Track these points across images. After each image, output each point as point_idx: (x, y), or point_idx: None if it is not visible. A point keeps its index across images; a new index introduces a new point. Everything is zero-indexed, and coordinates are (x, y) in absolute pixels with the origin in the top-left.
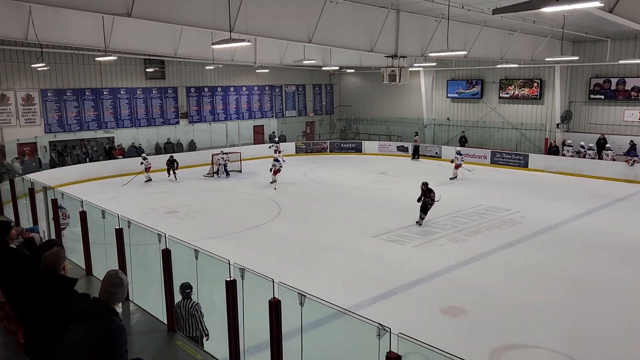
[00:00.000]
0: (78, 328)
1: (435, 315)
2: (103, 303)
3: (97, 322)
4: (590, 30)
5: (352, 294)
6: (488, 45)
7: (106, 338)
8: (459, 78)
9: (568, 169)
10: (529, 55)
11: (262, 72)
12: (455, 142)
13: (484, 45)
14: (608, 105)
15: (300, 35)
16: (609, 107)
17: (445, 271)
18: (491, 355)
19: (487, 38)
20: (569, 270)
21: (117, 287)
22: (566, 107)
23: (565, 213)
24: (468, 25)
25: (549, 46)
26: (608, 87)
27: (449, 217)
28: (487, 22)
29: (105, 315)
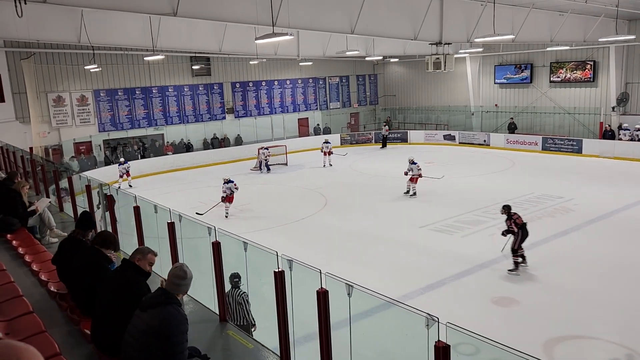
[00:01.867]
0: (143, 314)
1: (486, 305)
2: (168, 292)
3: (161, 310)
4: None
5: (400, 284)
6: (537, 27)
7: (169, 325)
8: (507, 63)
9: (625, 154)
10: (581, 36)
11: (306, 65)
12: (504, 129)
13: (532, 27)
14: None
15: (342, 26)
16: None
17: (495, 261)
18: (545, 346)
19: (536, 20)
20: (625, 259)
21: (181, 278)
22: (622, 89)
23: (622, 200)
24: (515, 8)
25: (603, 26)
26: None
27: (498, 205)
28: (535, 3)
29: (170, 303)
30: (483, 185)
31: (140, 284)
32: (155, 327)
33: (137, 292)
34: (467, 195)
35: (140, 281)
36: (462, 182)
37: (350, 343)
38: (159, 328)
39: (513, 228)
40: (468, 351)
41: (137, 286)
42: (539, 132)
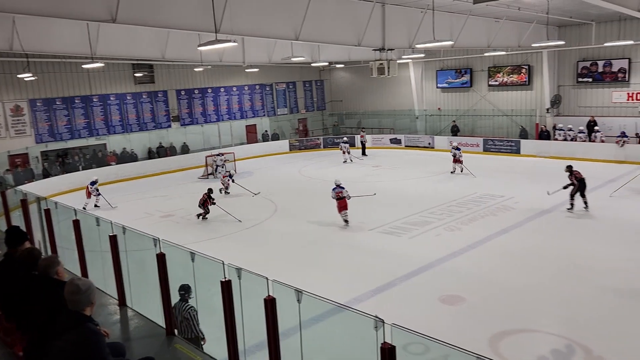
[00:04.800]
0: (57, 343)
1: (434, 304)
2: (73, 312)
3: (72, 334)
4: (574, 14)
5: (351, 287)
6: (475, 33)
7: (85, 347)
8: (448, 68)
9: (560, 153)
10: (515, 41)
11: (252, 72)
12: (447, 131)
13: (470, 34)
14: (596, 87)
15: (286, 33)
16: (597, 89)
17: (443, 260)
18: (490, 341)
19: (474, 27)
20: (564, 253)
21: (76, 293)
22: (555, 91)
23: (559, 196)
24: (454, 15)
25: (535, 32)
26: (595, 70)
27: (444, 206)
28: (472, 11)
29: (79, 324)
30: (429, 187)
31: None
32: (71, 354)
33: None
34: (413, 197)
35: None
36: (408, 185)
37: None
38: (77, 354)
39: (573, 181)
40: (418, 350)
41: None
42: (480, 134)
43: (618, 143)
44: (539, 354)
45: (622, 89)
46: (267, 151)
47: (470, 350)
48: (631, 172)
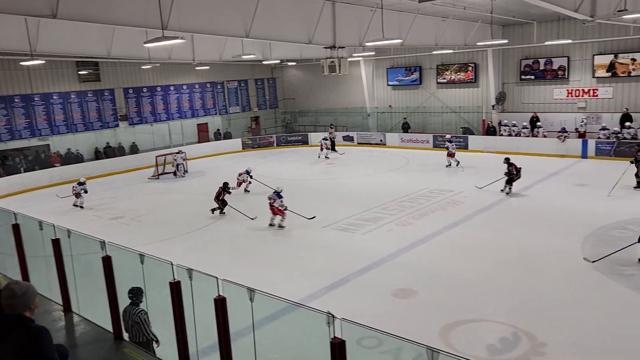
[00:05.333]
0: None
1: (387, 298)
2: (13, 316)
3: (16, 334)
4: (517, 14)
5: (306, 285)
6: (423, 32)
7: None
8: (398, 66)
9: (505, 148)
10: (462, 40)
11: (202, 69)
12: (398, 128)
13: (419, 32)
14: (538, 85)
15: (237, 30)
16: (539, 86)
17: (395, 255)
18: (441, 332)
19: (422, 25)
20: (511, 244)
21: (11, 298)
22: (500, 88)
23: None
24: (402, 14)
25: (481, 31)
26: (537, 68)
27: (396, 202)
28: (420, 10)
29: (20, 325)
30: (381, 183)
31: None
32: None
33: None
34: (366, 193)
35: None
36: (361, 182)
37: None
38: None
39: (512, 171)
40: (371, 344)
41: None
42: (430, 130)
43: (559, 138)
44: (488, 342)
45: (562, 86)
46: (219, 150)
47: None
48: (572, 165)
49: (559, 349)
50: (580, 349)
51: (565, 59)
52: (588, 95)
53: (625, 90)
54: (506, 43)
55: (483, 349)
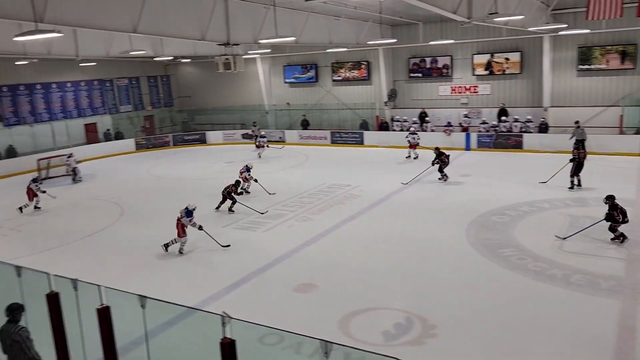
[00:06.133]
0: None
1: (288, 294)
2: None
3: None
4: (404, 14)
5: (206, 286)
6: (317, 30)
7: None
8: (295, 63)
9: (398, 143)
10: (354, 39)
11: (88, 66)
12: (297, 125)
13: (313, 31)
14: (425, 82)
15: (123, 25)
16: (426, 84)
17: (296, 251)
18: (341, 323)
19: (315, 24)
20: (404, 234)
21: None
22: (391, 86)
23: (398, 183)
24: (296, 12)
25: (372, 30)
26: (424, 66)
27: (296, 198)
28: (312, 8)
29: None
30: (282, 180)
31: None
32: None
33: None
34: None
35: None
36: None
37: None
38: None
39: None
40: (273, 341)
41: None
42: (328, 127)
43: (446, 132)
44: (384, 329)
45: (446, 84)
46: (110, 151)
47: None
48: (457, 157)
49: (448, 329)
50: (467, 327)
51: (449, 58)
52: (469, 91)
53: (501, 87)
54: (395, 42)
55: (379, 335)
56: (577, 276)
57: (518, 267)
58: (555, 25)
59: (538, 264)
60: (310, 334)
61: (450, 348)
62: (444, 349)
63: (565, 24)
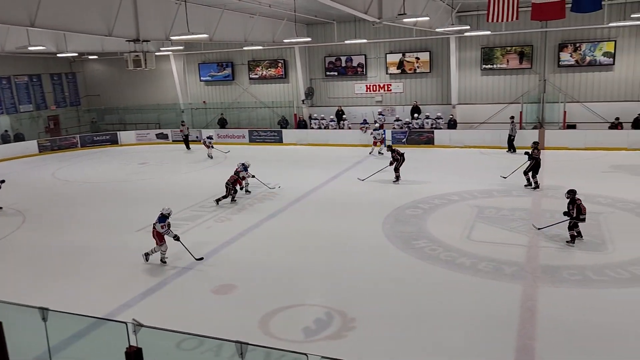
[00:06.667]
0: None
1: (207, 296)
2: None
3: None
4: (318, 13)
5: (119, 294)
6: (231, 28)
7: None
8: (210, 61)
9: (316, 140)
10: (270, 37)
11: None
12: (214, 124)
13: (227, 28)
14: (341, 80)
15: (18, 18)
16: (342, 82)
17: (215, 251)
18: (261, 322)
19: (230, 21)
20: (324, 231)
21: None
22: (308, 84)
23: (316, 180)
24: (209, 9)
25: (287, 28)
26: (340, 65)
27: (214, 198)
28: (227, 5)
29: None
30: (198, 180)
31: None
32: None
33: None
34: (183, 192)
35: None
36: (177, 180)
37: None
38: None
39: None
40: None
41: None
42: (246, 125)
43: (362, 129)
44: (304, 325)
45: (361, 82)
46: (9, 154)
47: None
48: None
49: (367, 321)
50: (384, 318)
51: (363, 57)
52: (383, 90)
53: (413, 85)
54: (311, 41)
55: (300, 332)
56: (483, 264)
57: (431, 257)
58: (460, 27)
59: (449, 254)
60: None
61: (368, 339)
62: (362, 340)
63: (469, 26)
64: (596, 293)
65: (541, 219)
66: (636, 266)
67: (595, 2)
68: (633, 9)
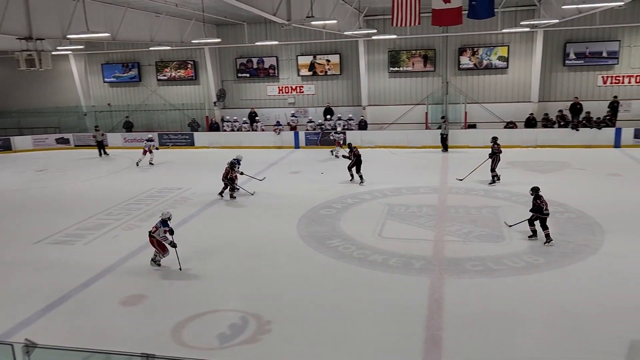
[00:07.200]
0: None
1: (115, 308)
2: None
3: None
4: (228, 14)
5: (15, 313)
6: (136, 27)
7: None
8: (115, 61)
9: (229, 143)
10: (178, 37)
11: None
12: (120, 128)
13: (131, 27)
14: (253, 82)
15: None
16: (254, 84)
17: (123, 261)
18: (173, 332)
19: (134, 20)
20: (239, 234)
21: None
22: (220, 85)
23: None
24: (111, 7)
25: (196, 29)
26: (251, 66)
27: (121, 205)
28: (130, 3)
29: None
30: (104, 187)
31: None
32: None
33: None
34: (87, 199)
35: None
36: (81, 187)
37: None
38: None
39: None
40: None
41: None
42: (155, 128)
43: (275, 131)
44: (219, 331)
45: (274, 84)
46: None
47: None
48: (288, 155)
49: (283, 323)
50: (300, 318)
51: (275, 58)
52: (296, 91)
53: (324, 87)
54: (220, 42)
55: (214, 339)
56: (394, 259)
57: (344, 255)
58: (367, 31)
59: (362, 251)
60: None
61: (284, 341)
62: (278, 342)
63: (376, 30)
64: (496, 282)
65: (446, 214)
66: (530, 255)
67: (489, 9)
68: (523, 17)
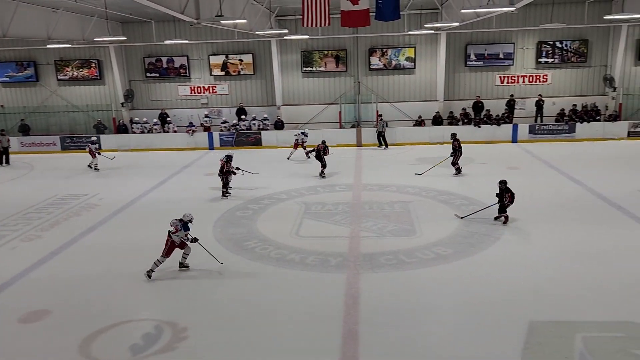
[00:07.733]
0: None
1: (13, 327)
2: None
3: None
4: (133, 11)
5: None
6: (30, 23)
7: None
8: (7, 60)
9: (139, 145)
10: (79, 35)
11: None
12: (15, 131)
13: (24, 23)
14: (164, 82)
15: None
16: (164, 84)
17: (22, 275)
18: (81, 347)
19: (28, 16)
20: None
21: None
22: (127, 86)
23: (141, 188)
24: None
25: (99, 26)
26: (161, 66)
27: (19, 215)
28: None
29: None
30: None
31: None
32: None
33: None
34: None
35: None
36: None
37: None
38: None
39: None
40: None
41: None
42: (56, 131)
43: (188, 132)
44: (131, 342)
45: (185, 84)
46: None
47: None
48: (202, 156)
49: (200, 329)
50: (217, 322)
51: (185, 58)
52: (208, 92)
53: (238, 87)
54: (126, 40)
55: (126, 350)
56: (312, 257)
57: (262, 256)
58: (279, 31)
59: (279, 251)
60: None
61: (202, 347)
62: (195, 349)
63: (288, 30)
64: (409, 274)
65: (361, 211)
66: (439, 246)
67: (395, 11)
68: (427, 19)
